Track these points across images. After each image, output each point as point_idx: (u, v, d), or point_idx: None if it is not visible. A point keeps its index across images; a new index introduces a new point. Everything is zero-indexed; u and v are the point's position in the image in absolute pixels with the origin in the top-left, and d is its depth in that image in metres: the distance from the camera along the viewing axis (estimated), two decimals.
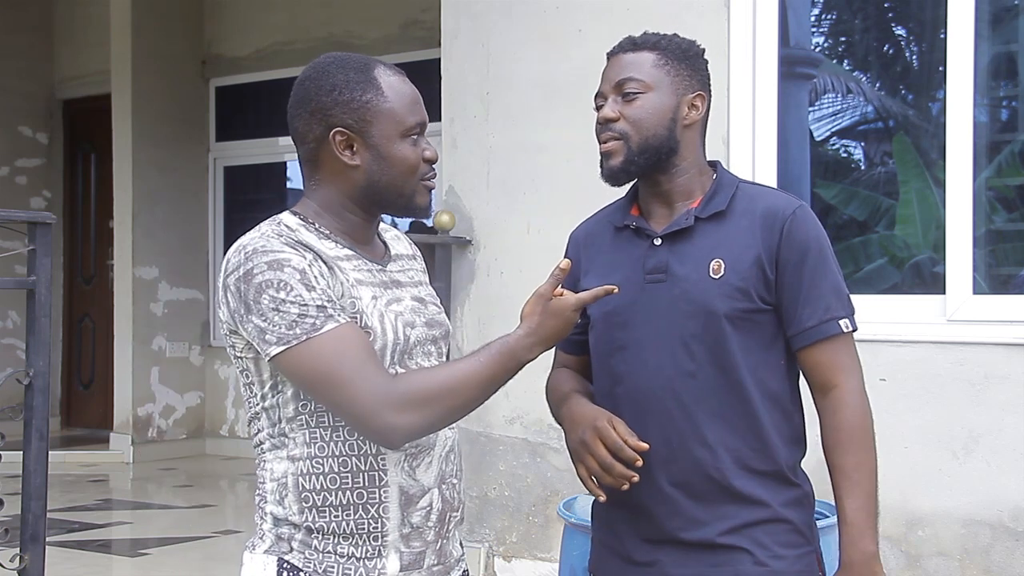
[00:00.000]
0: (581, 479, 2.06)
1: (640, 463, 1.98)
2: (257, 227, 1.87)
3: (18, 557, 3.04)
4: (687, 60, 2.14)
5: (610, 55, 2.18)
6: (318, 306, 1.76)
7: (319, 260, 1.82)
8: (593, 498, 2.25)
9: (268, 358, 1.78)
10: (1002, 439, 3.85)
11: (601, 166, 2.14)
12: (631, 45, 2.14)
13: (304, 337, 1.75)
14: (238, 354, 1.86)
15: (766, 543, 2.05)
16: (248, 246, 1.81)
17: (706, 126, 2.18)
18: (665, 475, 2.07)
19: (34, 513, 3.04)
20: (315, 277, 1.79)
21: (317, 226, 1.89)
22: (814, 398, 2.10)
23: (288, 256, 1.79)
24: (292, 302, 1.75)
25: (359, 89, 1.87)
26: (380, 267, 1.94)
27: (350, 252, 1.89)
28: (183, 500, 7.32)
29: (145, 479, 8.14)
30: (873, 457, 2.05)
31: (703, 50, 2.19)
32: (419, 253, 2.10)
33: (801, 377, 2.14)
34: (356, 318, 1.82)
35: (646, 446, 1.99)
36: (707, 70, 2.19)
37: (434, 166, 1.93)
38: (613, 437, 1.99)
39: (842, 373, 2.06)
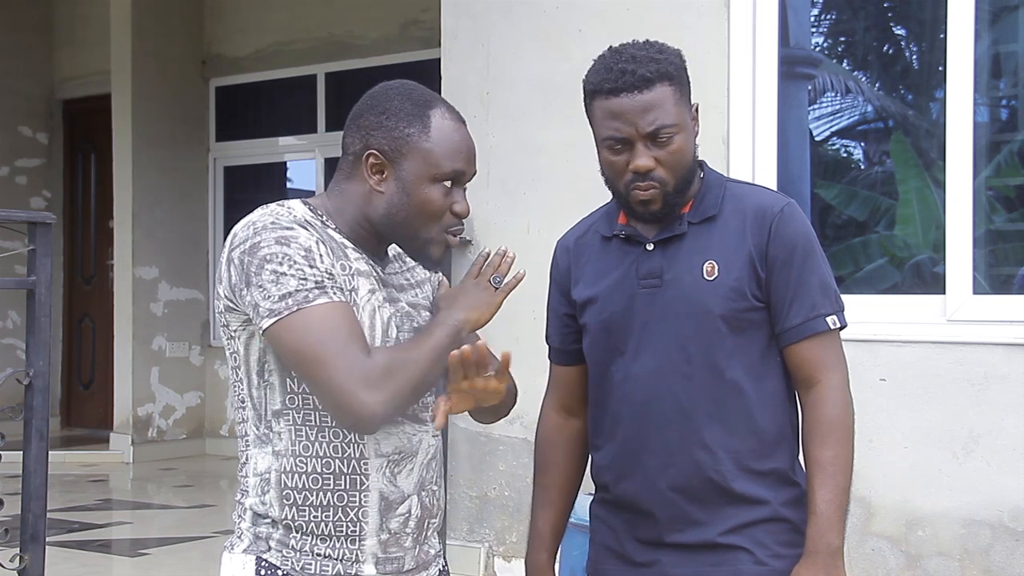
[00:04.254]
0: None
1: None
2: (264, 206, 1.88)
3: (18, 557, 3.04)
4: (685, 77, 2.08)
5: (614, 93, 2.00)
6: (316, 282, 1.77)
7: (325, 242, 1.83)
8: (592, 498, 2.25)
9: (262, 331, 1.79)
10: (1002, 439, 3.85)
11: (629, 209, 2.08)
12: (643, 82, 1.99)
13: (295, 308, 1.75)
14: (231, 333, 1.87)
15: (766, 542, 2.05)
16: (257, 222, 1.82)
17: None
18: (665, 479, 2.07)
19: (34, 513, 3.04)
20: (319, 256, 1.80)
21: (324, 219, 1.90)
22: (798, 394, 2.10)
23: (296, 233, 1.80)
24: (291, 275, 1.76)
25: (406, 120, 1.87)
26: (380, 268, 1.95)
27: (354, 248, 1.90)
28: (183, 500, 7.33)
29: (145, 479, 8.14)
30: (850, 453, 2.05)
31: (679, 51, 2.12)
32: None
33: None
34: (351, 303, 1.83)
35: None
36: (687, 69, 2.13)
37: (462, 221, 1.92)
38: None
39: (826, 369, 2.06)
